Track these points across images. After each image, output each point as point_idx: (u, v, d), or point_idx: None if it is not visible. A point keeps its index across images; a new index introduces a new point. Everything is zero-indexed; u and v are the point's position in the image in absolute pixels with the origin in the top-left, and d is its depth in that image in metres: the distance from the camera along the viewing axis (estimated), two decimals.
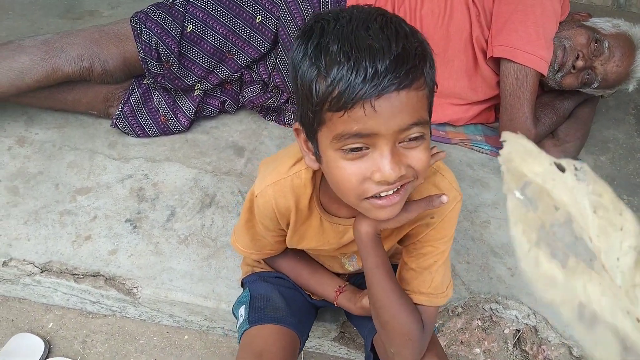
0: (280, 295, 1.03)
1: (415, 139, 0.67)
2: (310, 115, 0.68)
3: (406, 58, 0.63)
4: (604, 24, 1.56)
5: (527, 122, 1.52)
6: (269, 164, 0.91)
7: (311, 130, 0.70)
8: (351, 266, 1.02)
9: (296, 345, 0.98)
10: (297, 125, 0.75)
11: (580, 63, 1.53)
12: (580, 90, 1.62)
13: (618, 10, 2.56)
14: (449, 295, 0.90)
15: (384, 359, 0.94)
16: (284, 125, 1.67)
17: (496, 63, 1.60)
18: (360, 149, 0.67)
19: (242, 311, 1.02)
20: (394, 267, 1.05)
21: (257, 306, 1.01)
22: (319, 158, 0.73)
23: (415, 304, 0.87)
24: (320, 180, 0.86)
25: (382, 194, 0.69)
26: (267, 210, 0.87)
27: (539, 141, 1.59)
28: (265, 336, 0.95)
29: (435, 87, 0.70)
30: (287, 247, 1.00)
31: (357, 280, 1.08)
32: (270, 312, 0.99)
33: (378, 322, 0.87)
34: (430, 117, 0.71)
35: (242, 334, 0.98)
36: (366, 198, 0.70)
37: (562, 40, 1.54)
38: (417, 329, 0.84)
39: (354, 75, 0.61)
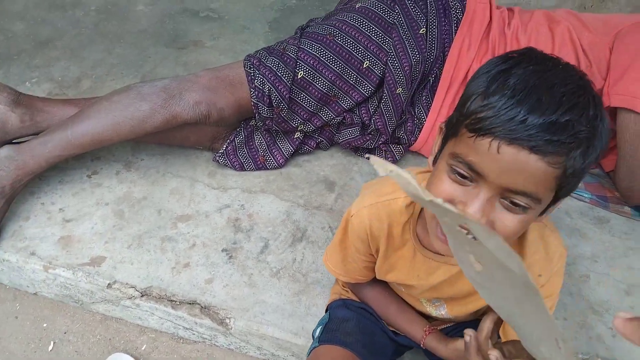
0: (357, 323, 1.03)
1: (517, 205, 0.66)
2: (454, 121, 0.70)
3: (561, 130, 0.61)
4: None
5: None
6: (370, 186, 0.93)
7: (447, 134, 0.73)
8: (437, 312, 1.00)
9: None
10: (442, 124, 0.77)
11: None
12: None
13: None
14: None
15: None
16: None
17: (611, 113, 1.53)
18: (465, 177, 0.67)
19: (317, 332, 1.05)
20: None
21: (331, 328, 1.03)
22: (435, 161, 0.76)
23: None
24: (419, 211, 0.85)
25: None
26: (361, 231, 0.88)
27: None
28: (330, 356, 0.96)
29: (578, 179, 0.67)
30: (375, 278, 1.00)
31: (444, 331, 1.05)
32: (341, 335, 1.00)
33: None
34: (552, 204, 0.69)
35: (310, 351, 1.00)
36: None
37: None
38: None
39: (505, 111, 0.61)
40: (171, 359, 1.31)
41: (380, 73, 1.49)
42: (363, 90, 1.52)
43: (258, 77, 1.43)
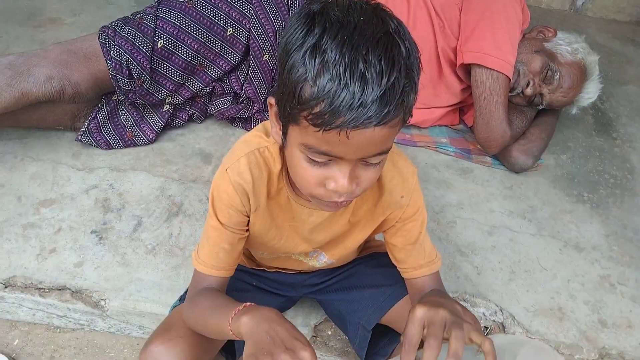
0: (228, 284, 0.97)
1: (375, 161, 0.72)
2: (287, 109, 0.68)
3: (392, 96, 0.63)
4: (564, 48, 1.63)
5: (502, 124, 1.57)
6: (233, 148, 0.88)
7: (284, 119, 0.71)
8: (320, 263, 1.03)
9: None
10: (272, 100, 0.74)
11: (529, 91, 1.63)
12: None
13: (575, 14, 2.64)
14: (440, 257, 0.97)
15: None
16: None
17: (465, 70, 1.64)
18: (323, 161, 0.70)
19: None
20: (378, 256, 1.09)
21: None
22: (284, 143, 0.75)
23: (418, 277, 0.95)
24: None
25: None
26: (239, 186, 0.82)
27: (512, 142, 1.64)
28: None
29: (410, 115, 0.71)
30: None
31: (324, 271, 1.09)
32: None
33: None
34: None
35: (172, 308, 0.99)
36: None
37: (518, 64, 1.60)
38: None
39: (339, 100, 0.61)
40: (48, 350, 1.25)
41: (245, 40, 1.49)
42: (230, 58, 1.50)
43: (114, 48, 1.37)
